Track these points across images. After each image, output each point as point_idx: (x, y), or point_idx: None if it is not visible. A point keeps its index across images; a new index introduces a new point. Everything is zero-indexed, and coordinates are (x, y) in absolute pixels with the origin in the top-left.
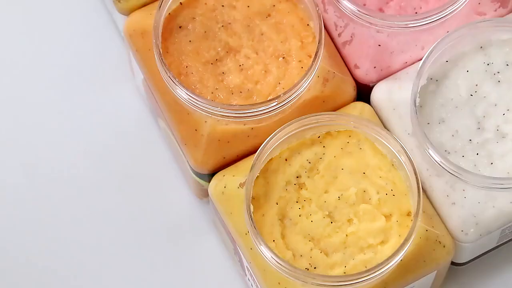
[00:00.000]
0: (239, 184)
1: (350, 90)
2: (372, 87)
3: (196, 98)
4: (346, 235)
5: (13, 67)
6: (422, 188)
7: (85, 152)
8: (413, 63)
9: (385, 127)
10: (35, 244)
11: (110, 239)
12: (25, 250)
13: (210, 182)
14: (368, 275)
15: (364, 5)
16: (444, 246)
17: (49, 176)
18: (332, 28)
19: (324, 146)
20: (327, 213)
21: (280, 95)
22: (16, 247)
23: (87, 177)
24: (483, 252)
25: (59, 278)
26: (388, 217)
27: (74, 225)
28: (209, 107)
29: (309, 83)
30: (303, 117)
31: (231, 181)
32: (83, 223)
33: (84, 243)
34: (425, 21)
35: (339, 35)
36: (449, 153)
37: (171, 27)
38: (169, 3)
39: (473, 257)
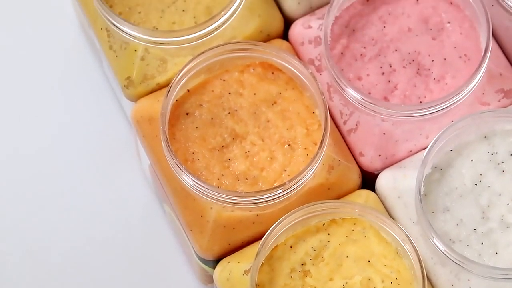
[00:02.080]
0: (244, 271)
1: (355, 177)
2: (377, 175)
3: (202, 185)
4: None
5: (20, 154)
6: (427, 277)
7: (90, 236)
8: (418, 151)
9: (390, 215)
10: None
11: None
12: None
13: (215, 269)
14: None
15: (369, 93)
16: None
17: (54, 260)
18: (337, 116)
19: (329, 234)
20: None
21: (285, 183)
22: None
23: (92, 260)
24: None
25: None
26: None
27: None
28: (215, 193)
29: (314, 170)
30: (308, 204)
31: (236, 268)
32: None
33: None
34: (429, 110)
35: (345, 123)
36: (453, 242)
37: (178, 113)
38: (176, 90)
39: None
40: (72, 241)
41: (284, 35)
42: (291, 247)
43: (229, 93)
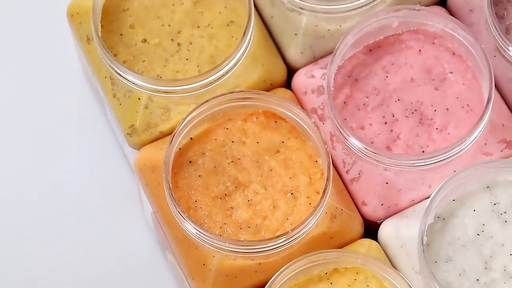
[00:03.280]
0: None
1: (357, 227)
2: (380, 224)
3: (204, 233)
4: None
5: (23, 199)
6: None
7: (92, 282)
8: (421, 201)
9: (392, 264)
10: None
11: None
12: None
13: None
14: None
15: (372, 143)
16: None
17: None
18: (340, 165)
19: (331, 283)
20: None
21: (288, 232)
22: None
23: None
24: None
25: None
26: None
27: None
28: (217, 242)
29: (317, 219)
30: (311, 254)
31: None
32: None
33: None
34: (432, 160)
35: (347, 172)
36: None
37: (181, 161)
38: (180, 138)
39: None
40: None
41: (287, 84)
42: None
43: (232, 142)
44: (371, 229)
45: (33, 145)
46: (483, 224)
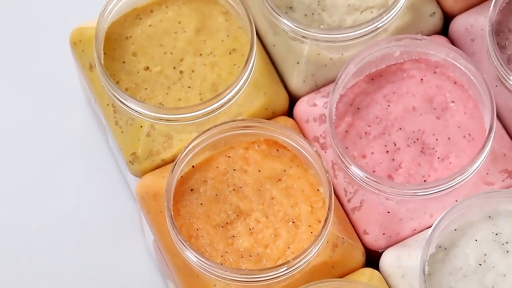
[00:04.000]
0: None
1: (359, 256)
2: (381, 253)
3: (206, 262)
4: None
5: (25, 227)
6: None
7: None
8: (422, 230)
9: None
10: None
11: None
12: None
13: None
14: None
15: (374, 171)
16: None
17: None
18: (341, 194)
19: None
20: None
21: (289, 261)
22: None
23: None
24: None
25: None
26: None
27: None
28: (219, 271)
29: (318, 248)
30: (312, 283)
31: None
32: None
33: None
34: (434, 190)
35: (349, 201)
36: None
37: (183, 189)
38: (181, 166)
39: None
40: None
41: (289, 112)
42: None
43: (234, 170)
44: (372, 258)
45: (35, 172)
46: (485, 254)
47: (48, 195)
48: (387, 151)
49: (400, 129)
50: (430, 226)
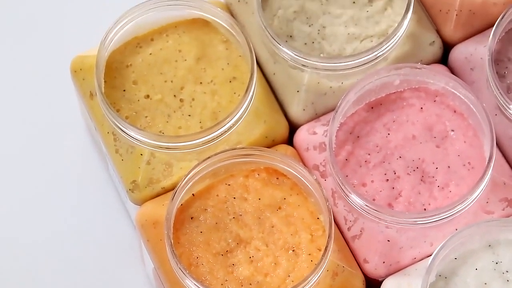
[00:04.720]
0: None
1: (359, 284)
2: (381, 282)
3: None
4: None
5: (25, 250)
6: None
7: None
8: (422, 259)
9: None
10: None
11: None
12: None
13: None
14: None
15: (374, 200)
16: None
17: None
18: (341, 222)
19: None
20: None
21: None
22: None
23: None
24: None
25: None
26: None
27: None
28: None
29: (318, 277)
30: None
31: None
32: None
33: None
34: (434, 218)
35: (349, 229)
36: None
37: (183, 217)
38: (182, 194)
39: None
40: None
41: (289, 141)
42: None
43: (234, 198)
44: (372, 287)
45: (35, 199)
46: (485, 283)
47: (48, 223)
48: (387, 180)
49: (400, 157)
50: (430, 255)
